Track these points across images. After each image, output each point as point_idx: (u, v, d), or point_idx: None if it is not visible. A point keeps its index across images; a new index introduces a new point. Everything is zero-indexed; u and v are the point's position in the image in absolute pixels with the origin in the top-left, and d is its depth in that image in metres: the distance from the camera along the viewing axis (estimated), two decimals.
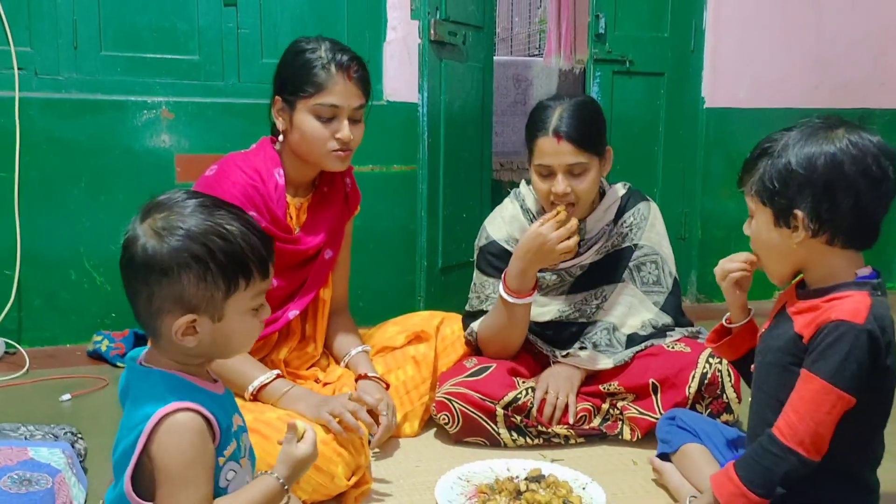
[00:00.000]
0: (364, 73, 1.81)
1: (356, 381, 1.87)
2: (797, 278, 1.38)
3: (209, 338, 1.03)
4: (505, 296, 1.89)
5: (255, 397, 1.69)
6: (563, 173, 1.86)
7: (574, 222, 1.82)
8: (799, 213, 1.26)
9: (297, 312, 1.88)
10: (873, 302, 1.25)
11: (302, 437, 1.11)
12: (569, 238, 1.81)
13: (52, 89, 2.65)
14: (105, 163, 2.71)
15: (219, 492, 1.05)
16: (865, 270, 1.31)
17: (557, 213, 1.83)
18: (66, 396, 2.22)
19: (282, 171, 1.81)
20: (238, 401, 1.66)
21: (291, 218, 1.86)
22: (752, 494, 1.27)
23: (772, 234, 1.31)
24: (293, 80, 1.77)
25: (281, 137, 1.83)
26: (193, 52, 2.79)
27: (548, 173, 1.88)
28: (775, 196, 1.28)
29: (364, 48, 2.98)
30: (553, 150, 1.84)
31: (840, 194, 1.24)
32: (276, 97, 1.81)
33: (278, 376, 1.71)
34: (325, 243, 1.90)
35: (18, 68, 2.58)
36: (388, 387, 1.90)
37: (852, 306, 1.24)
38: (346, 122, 1.77)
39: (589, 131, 1.86)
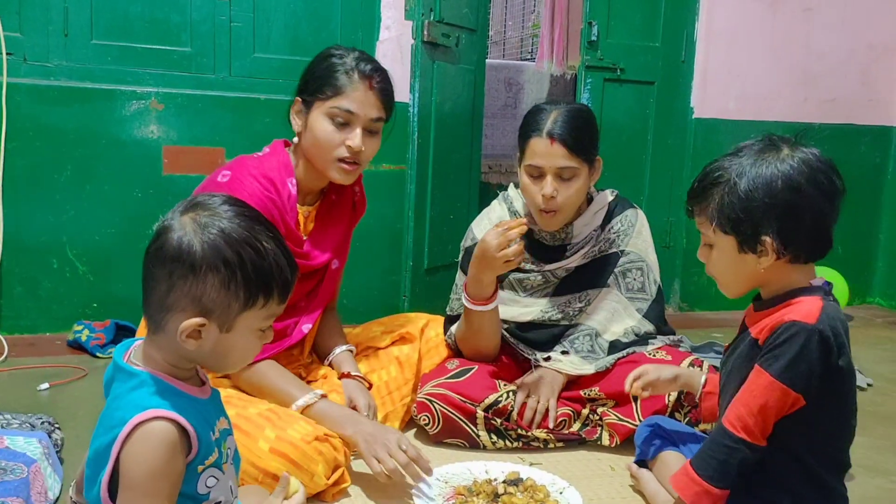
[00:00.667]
0: (387, 86, 1.78)
1: (339, 378, 1.87)
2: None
3: (210, 346, 1.01)
4: (465, 301, 1.91)
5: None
6: (552, 175, 1.87)
7: (515, 232, 1.79)
8: (767, 238, 1.29)
9: (311, 326, 1.88)
10: (825, 305, 1.29)
11: (291, 495, 1.10)
12: (509, 247, 1.79)
13: (40, 76, 2.63)
14: (92, 152, 2.69)
15: (198, 498, 1.03)
16: (818, 280, 1.35)
17: (518, 225, 1.80)
18: (45, 386, 2.21)
19: (294, 181, 1.78)
20: (222, 395, 1.67)
21: (299, 226, 1.83)
22: (715, 489, 1.31)
23: (736, 260, 1.34)
24: (315, 81, 1.75)
25: (295, 140, 1.81)
26: (185, 44, 2.78)
27: (538, 174, 1.89)
28: (740, 225, 1.30)
29: (357, 46, 2.97)
30: (546, 151, 1.86)
31: (802, 214, 1.28)
32: (297, 98, 1.79)
33: (322, 396, 1.70)
34: (332, 256, 1.90)
35: (7, 53, 2.56)
36: (370, 386, 1.90)
37: (805, 308, 1.28)
38: (359, 131, 1.73)
39: (582, 137, 1.88)
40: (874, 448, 2.07)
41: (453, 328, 2.06)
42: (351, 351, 1.98)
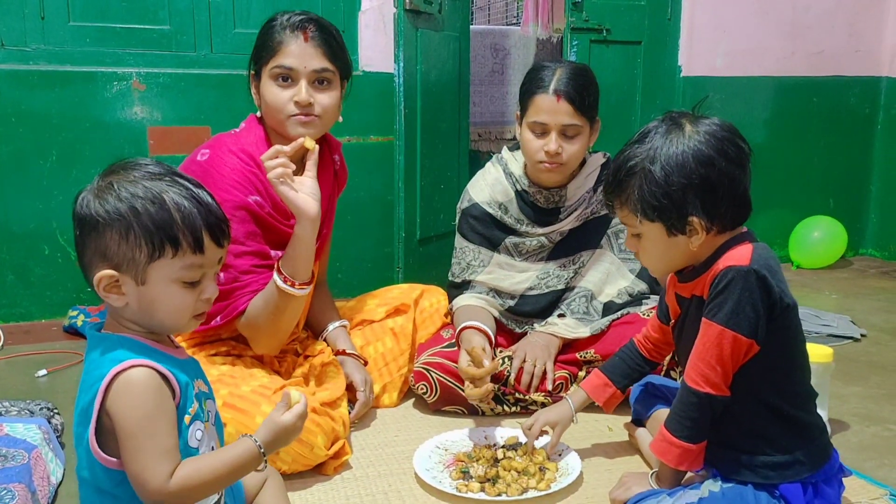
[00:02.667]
0: (324, 35, 1.73)
1: (335, 356, 1.88)
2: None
3: (136, 302, 1.05)
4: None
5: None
6: (556, 133, 1.87)
7: (481, 371, 1.73)
8: (694, 218, 1.30)
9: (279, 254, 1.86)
10: (755, 246, 1.32)
11: (293, 405, 1.11)
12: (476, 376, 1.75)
13: (19, 61, 2.59)
14: (76, 136, 2.66)
15: (189, 451, 1.06)
16: (741, 230, 1.37)
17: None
18: (42, 372, 2.21)
19: None
20: (213, 375, 1.67)
21: None
22: (693, 445, 1.35)
23: (668, 244, 1.35)
24: (258, 50, 1.75)
25: (259, 114, 1.80)
26: (164, 22, 2.74)
27: (542, 131, 1.89)
28: (665, 210, 1.31)
29: (339, 17, 2.94)
30: (552, 108, 1.86)
31: (719, 186, 1.29)
32: (251, 73, 1.78)
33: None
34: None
35: None
36: (366, 363, 1.91)
37: (737, 254, 1.31)
38: (303, 84, 1.71)
39: (587, 96, 1.89)
40: (869, 397, 2.10)
41: (458, 300, 2.07)
42: (345, 326, 1.98)
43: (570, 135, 1.90)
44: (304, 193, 1.61)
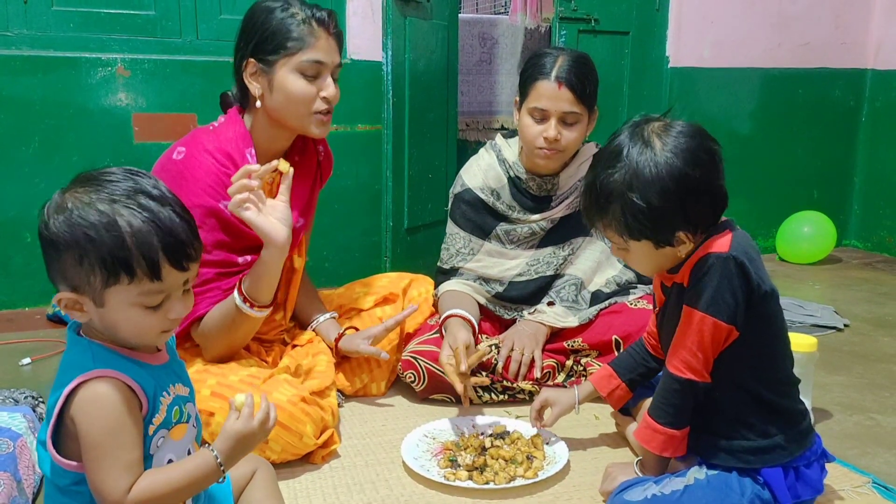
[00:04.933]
0: (340, 31, 1.75)
1: (336, 341, 1.89)
2: None
3: (97, 320, 1.03)
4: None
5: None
6: (556, 119, 1.88)
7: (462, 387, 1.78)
8: (681, 233, 1.31)
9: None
10: (734, 234, 1.33)
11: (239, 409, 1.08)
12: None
13: (1, 46, 2.55)
14: (59, 122, 2.63)
15: (148, 459, 1.04)
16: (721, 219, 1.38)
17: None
18: (26, 360, 2.19)
19: (253, 151, 1.71)
20: (200, 365, 1.66)
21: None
22: (676, 431, 1.37)
23: (655, 255, 1.35)
24: (270, 39, 1.66)
25: (258, 104, 1.71)
26: (149, 8, 2.71)
27: (542, 118, 1.90)
28: (650, 232, 1.31)
29: (326, 5, 2.90)
30: (553, 94, 1.86)
31: (700, 195, 1.30)
32: (249, 60, 1.69)
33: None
34: (299, 216, 1.87)
35: None
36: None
37: (717, 242, 1.32)
38: (330, 80, 1.70)
39: (588, 84, 1.90)
40: (852, 386, 2.12)
41: (443, 286, 2.07)
42: (334, 318, 1.98)
43: (570, 122, 1.90)
44: (274, 218, 1.57)
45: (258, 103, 1.71)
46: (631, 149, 1.30)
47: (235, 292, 1.61)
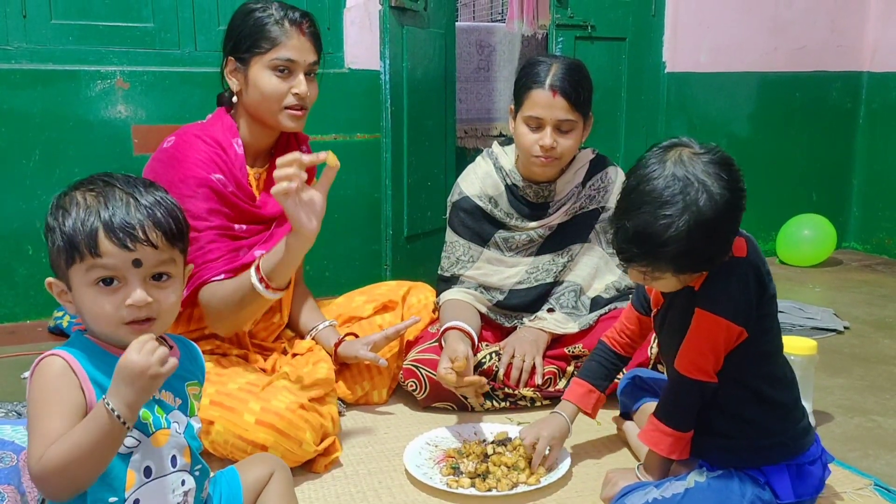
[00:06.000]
0: (316, 30, 1.80)
1: (336, 346, 1.90)
2: None
3: (76, 308, 1.09)
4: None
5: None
6: (552, 127, 1.89)
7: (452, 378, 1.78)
8: (726, 257, 1.32)
9: (264, 253, 1.86)
10: (748, 239, 1.36)
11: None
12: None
13: (0, 60, 2.57)
14: (59, 135, 2.64)
15: (125, 459, 1.05)
16: None
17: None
18: (28, 374, 2.19)
19: (240, 142, 1.79)
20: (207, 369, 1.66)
21: (252, 187, 1.84)
22: (684, 434, 1.38)
23: (681, 280, 1.35)
24: (247, 38, 1.76)
25: (235, 100, 1.81)
26: (148, 20, 2.72)
27: (537, 126, 1.91)
28: (699, 265, 1.31)
29: (324, 14, 2.93)
30: (548, 103, 1.87)
31: (737, 225, 1.31)
32: (229, 58, 1.80)
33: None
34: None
35: None
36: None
37: (735, 246, 1.33)
38: (302, 77, 1.76)
39: (582, 92, 1.91)
40: (853, 388, 2.12)
41: (444, 294, 2.07)
42: (333, 325, 1.99)
43: (565, 130, 1.91)
44: (309, 210, 1.55)
45: (234, 98, 1.80)
46: (687, 193, 1.24)
47: (252, 270, 1.62)
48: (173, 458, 1.11)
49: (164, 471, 1.10)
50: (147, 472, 1.08)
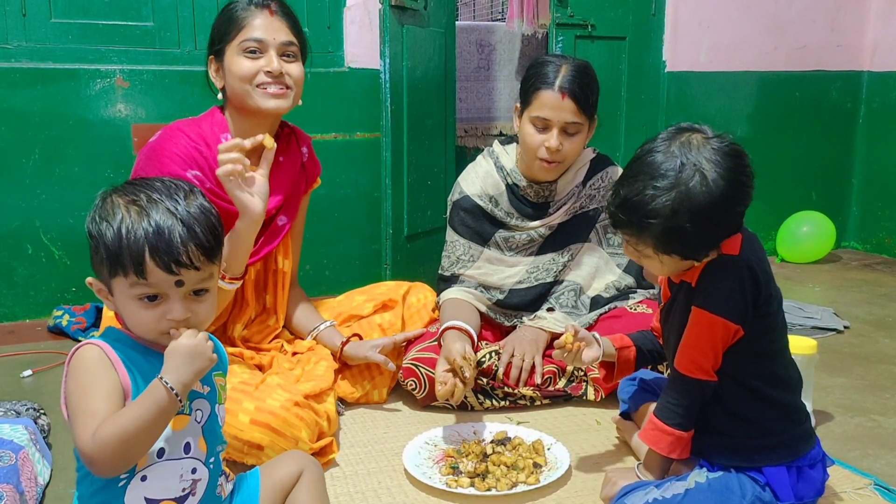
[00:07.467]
0: (286, 9, 1.80)
1: (341, 346, 1.90)
2: None
3: (116, 307, 1.13)
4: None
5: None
6: (558, 129, 1.89)
7: (458, 390, 1.77)
8: (714, 251, 1.32)
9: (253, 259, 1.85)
10: (744, 237, 1.35)
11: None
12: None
13: (0, 58, 2.56)
14: (59, 134, 2.64)
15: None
16: None
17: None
18: (28, 372, 2.19)
19: (230, 136, 1.78)
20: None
21: None
22: (684, 433, 1.38)
23: (679, 265, 1.35)
24: (219, 31, 1.77)
25: (220, 96, 1.82)
26: (147, 19, 2.72)
27: (544, 127, 1.91)
28: (686, 249, 1.31)
29: (324, 13, 2.93)
30: (556, 104, 1.87)
31: (737, 216, 1.31)
32: (211, 58, 1.81)
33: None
34: (279, 209, 1.88)
35: None
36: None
37: (728, 244, 1.33)
38: (272, 55, 1.74)
39: (590, 94, 1.91)
40: (853, 388, 2.12)
41: (445, 294, 2.07)
42: (333, 325, 1.99)
43: (571, 132, 1.91)
44: (252, 191, 1.63)
45: (220, 95, 1.81)
46: (682, 171, 1.26)
47: None
48: (187, 445, 1.12)
49: (176, 454, 1.11)
50: (160, 452, 1.10)
